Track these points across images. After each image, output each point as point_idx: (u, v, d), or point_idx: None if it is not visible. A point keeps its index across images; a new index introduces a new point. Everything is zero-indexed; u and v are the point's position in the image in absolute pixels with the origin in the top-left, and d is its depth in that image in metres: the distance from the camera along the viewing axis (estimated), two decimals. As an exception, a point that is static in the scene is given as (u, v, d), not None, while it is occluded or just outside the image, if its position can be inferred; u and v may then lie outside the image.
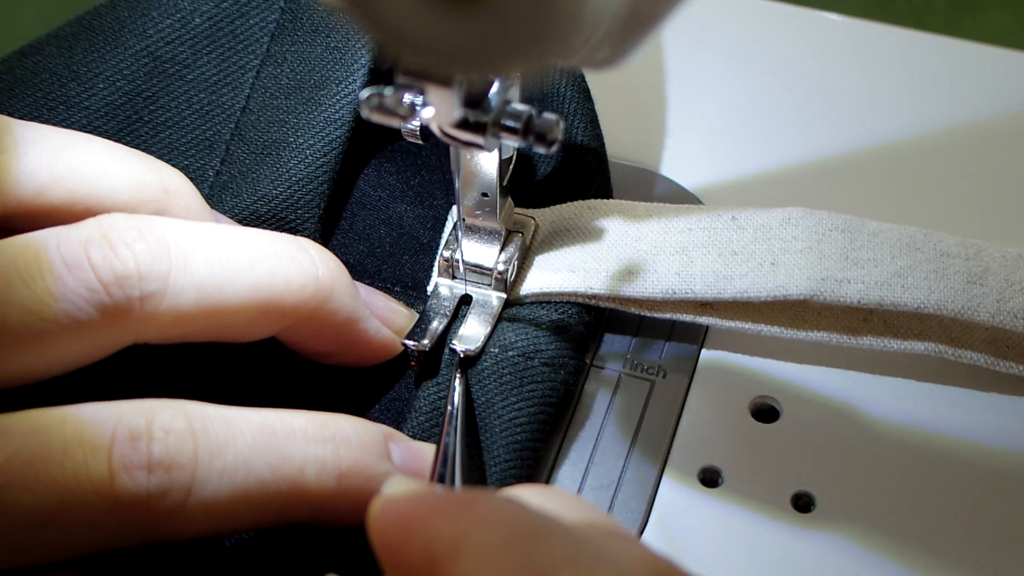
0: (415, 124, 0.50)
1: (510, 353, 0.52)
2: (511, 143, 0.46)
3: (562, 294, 0.54)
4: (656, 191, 0.60)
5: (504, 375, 0.51)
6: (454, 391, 0.50)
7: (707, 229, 0.54)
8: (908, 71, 0.64)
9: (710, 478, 0.52)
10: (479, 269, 0.54)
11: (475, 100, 0.45)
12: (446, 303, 0.54)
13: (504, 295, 0.54)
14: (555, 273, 0.54)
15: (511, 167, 0.53)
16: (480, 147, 0.46)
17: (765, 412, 0.53)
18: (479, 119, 0.45)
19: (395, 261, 0.57)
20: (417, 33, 0.34)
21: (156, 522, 0.43)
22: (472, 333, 0.53)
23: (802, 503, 0.51)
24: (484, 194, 0.51)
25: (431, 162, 0.59)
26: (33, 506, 0.41)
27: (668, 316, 0.54)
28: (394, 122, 0.48)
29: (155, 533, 0.43)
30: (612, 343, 0.55)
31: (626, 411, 0.53)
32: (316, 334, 0.50)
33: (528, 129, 0.45)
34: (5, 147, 0.48)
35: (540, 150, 0.46)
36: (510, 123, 0.45)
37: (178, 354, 0.51)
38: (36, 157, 0.49)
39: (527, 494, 0.42)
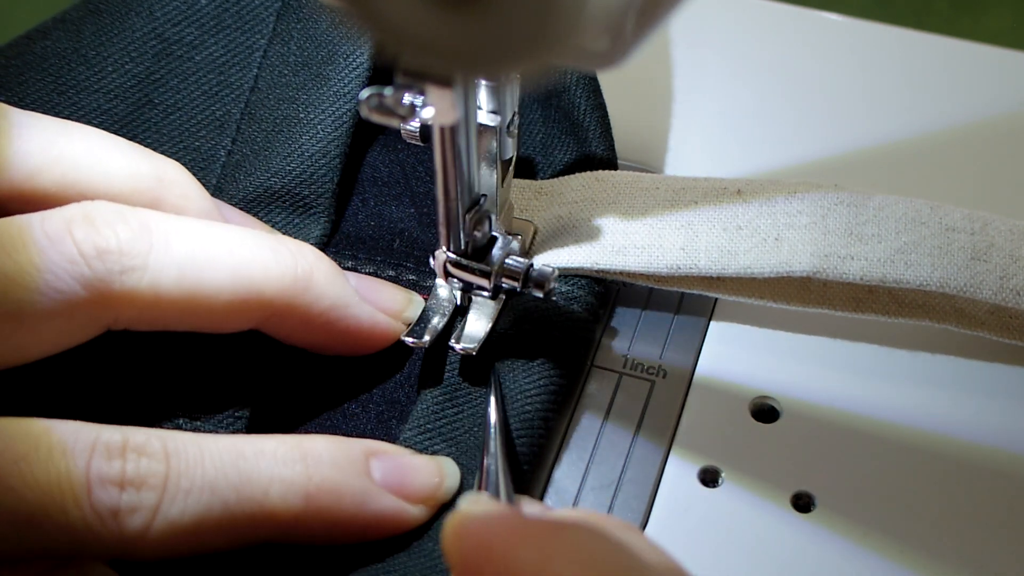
0: (415, 124, 0.50)
1: (523, 327, 0.52)
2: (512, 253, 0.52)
3: (569, 269, 0.54)
4: (656, 191, 0.60)
5: (516, 349, 0.52)
6: (490, 407, 0.50)
7: (713, 203, 0.54)
8: (908, 71, 0.64)
9: (710, 478, 0.52)
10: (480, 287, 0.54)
11: (480, 253, 0.52)
12: (446, 303, 0.54)
13: (503, 296, 0.54)
14: (563, 248, 0.54)
15: (511, 168, 0.53)
16: (485, 290, 0.52)
17: (765, 412, 0.53)
18: (484, 270, 0.51)
19: (407, 237, 0.57)
20: (417, 33, 0.34)
21: (124, 539, 0.43)
22: (472, 332, 0.53)
23: (802, 503, 0.51)
24: (484, 195, 0.51)
25: None
26: (14, 505, 0.41)
27: (676, 288, 0.54)
28: (394, 122, 0.48)
29: (123, 548, 0.43)
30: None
31: (626, 411, 0.53)
32: (303, 324, 0.50)
33: (527, 279, 0.51)
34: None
35: (537, 295, 0.52)
36: (511, 273, 0.52)
37: (171, 362, 0.51)
38: (29, 140, 0.49)
39: (609, 526, 0.42)
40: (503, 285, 0.52)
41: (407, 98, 0.47)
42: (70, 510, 0.42)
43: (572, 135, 0.58)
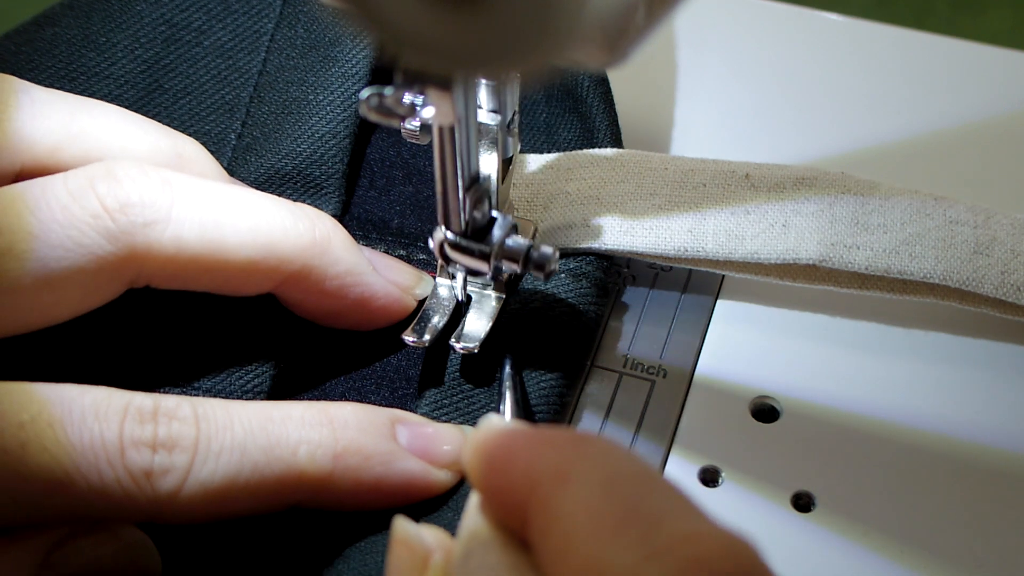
0: (415, 124, 0.50)
1: (532, 305, 0.52)
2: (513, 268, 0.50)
3: (578, 249, 0.54)
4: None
5: (527, 326, 0.52)
6: (505, 383, 0.51)
7: (721, 186, 0.54)
8: (908, 71, 0.64)
9: (710, 478, 0.52)
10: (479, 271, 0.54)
11: (480, 234, 0.50)
12: (446, 302, 0.54)
13: (503, 295, 0.54)
14: (570, 228, 0.54)
15: (512, 167, 0.53)
16: (483, 274, 0.50)
17: (765, 412, 0.53)
18: (483, 251, 0.49)
19: (416, 218, 0.57)
20: (417, 33, 0.34)
21: (156, 500, 0.44)
22: (472, 331, 0.53)
23: (802, 503, 0.51)
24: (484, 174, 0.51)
25: None
26: (50, 467, 0.42)
27: (684, 266, 0.55)
28: (394, 122, 0.48)
29: (156, 510, 0.44)
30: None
31: (626, 411, 0.53)
32: (318, 290, 0.51)
33: (528, 260, 0.49)
34: (21, 104, 0.49)
35: (538, 278, 0.50)
36: (511, 255, 0.50)
37: (188, 337, 0.52)
38: (51, 115, 0.50)
39: None
40: (502, 267, 0.50)
41: (407, 98, 0.47)
42: (104, 471, 0.43)
43: (575, 113, 0.58)
